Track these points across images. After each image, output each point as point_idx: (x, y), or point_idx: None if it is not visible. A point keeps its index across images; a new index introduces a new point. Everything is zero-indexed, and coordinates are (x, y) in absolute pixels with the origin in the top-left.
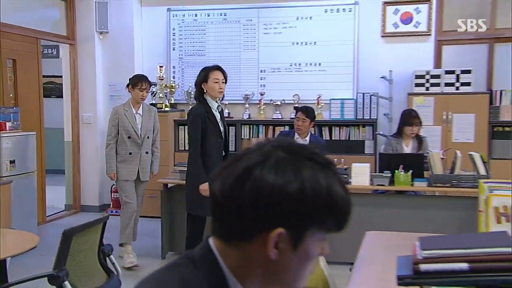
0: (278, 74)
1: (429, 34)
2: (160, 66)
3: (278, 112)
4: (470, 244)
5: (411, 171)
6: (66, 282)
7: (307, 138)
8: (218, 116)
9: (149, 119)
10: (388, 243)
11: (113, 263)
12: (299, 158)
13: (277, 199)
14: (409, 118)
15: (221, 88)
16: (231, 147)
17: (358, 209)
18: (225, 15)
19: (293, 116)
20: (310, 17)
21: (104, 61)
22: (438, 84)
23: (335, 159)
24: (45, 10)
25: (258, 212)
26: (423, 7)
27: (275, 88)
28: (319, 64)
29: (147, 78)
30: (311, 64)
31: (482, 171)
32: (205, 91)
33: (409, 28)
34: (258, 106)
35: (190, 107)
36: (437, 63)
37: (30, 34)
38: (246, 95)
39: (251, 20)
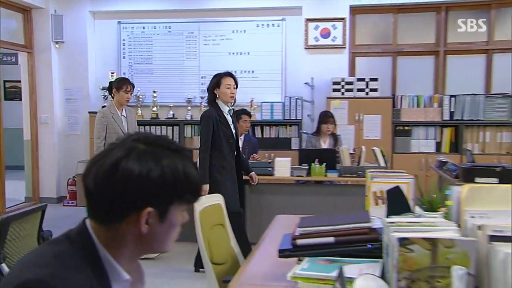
0: None
1: (344, 47)
2: (112, 73)
3: None
4: (337, 222)
5: (325, 163)
6: (3, 265)
7: (242, 137)
8: (229, 119)
9: (132, 120)
10: (292, 224)
11: None
12: (158, 148)
13: (143, 185)
14: (325, 117)
15: (232, 93)
16: None
17: (282, 197)
18: (169, 28)
19: None
20: (244, 31)
21: (60, 68)
22: (351, 90)
23: (266, 154)
24: (3, 20)
25: (128, 198)
26: (339, 24)
27: None
28: (252, 71)
29: (130, 80)
30: (245, 72)
31: (382, 163)
32: (217, 96)
33: (328, 41)
34: (199, 108)
35: (140, 109)
36: (351, 72)
37: None
38: (189, 98)
39: (193, 33)
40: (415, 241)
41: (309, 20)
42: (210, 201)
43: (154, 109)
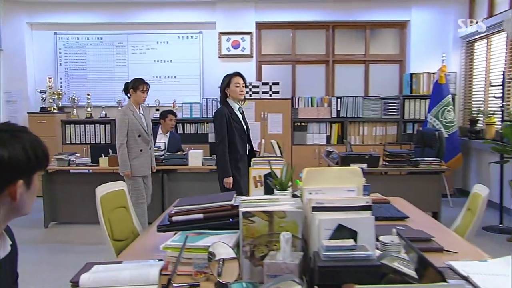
0: None
1: (252, 56)
2: (49, 78)
3: None
4: (206, 201)
5: None
6: None
7: (168, 134)
8: (240, 116)
9: (148, 117)
10: None
11: None
12: (16, 133)
13: (14, 164)
14: None
15: (241, 91)
16: (106, 140)
17: (196, 183)
18: (101, 38)
19: (155, 116)
20: (167, 42)
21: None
22: (258, 92)
23: (187, 148)
24: None
25: (4, 177)
26: (247, 37)
27: None
28: (174, 76)
29: (145, 81)
30: (168, 77)
31: (278, 153)
32: (228, 94)
33: (238, 51)
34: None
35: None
36: (258, 77)
37: None
38: (119, 100)
39: (122, 43)
40: (256, 214)
41: (222, 33)
42: (113, 188)
43: (88, 109)
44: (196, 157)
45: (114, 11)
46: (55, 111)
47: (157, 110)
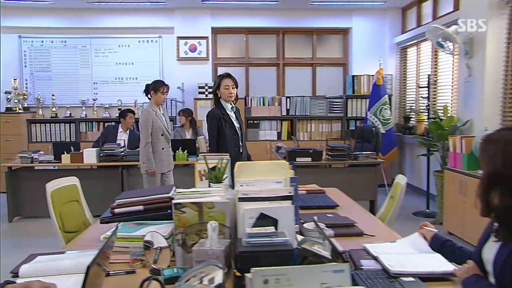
0: (106, 85)
1: (208, 59)
2: (14, 79)
3: (106, 112)
4: (146, 194)
5: (186, 150)
6: None
7: (128, 131)
8: (233, 116)
9: (167, 117)
10: None
11: None
12: None
13: None
14: (180, 112)
15: (231, 93)
16: (71, 139)
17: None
18: (65, 42)
19: (117, 116)
20: (128, 45)
21: None
22: (209, 93)
23: None
24: None
25: None
26: (203, 41)
27: (104, 96)
28: (136, 78)
29: (165, 82)
30: (130, 78)
31: None
32: (219, 96)
33: (195, 54)
34: (92, 108)
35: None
36: (214, 78)
37: None
38: (83, 100)
39: (85, 46)
40: (186, 205)
41: (180, 37)
42: (64, 183)
43: (54, 109)
44: None
45: (78, 16)
46: (20, 111)
47: (119, 109)
